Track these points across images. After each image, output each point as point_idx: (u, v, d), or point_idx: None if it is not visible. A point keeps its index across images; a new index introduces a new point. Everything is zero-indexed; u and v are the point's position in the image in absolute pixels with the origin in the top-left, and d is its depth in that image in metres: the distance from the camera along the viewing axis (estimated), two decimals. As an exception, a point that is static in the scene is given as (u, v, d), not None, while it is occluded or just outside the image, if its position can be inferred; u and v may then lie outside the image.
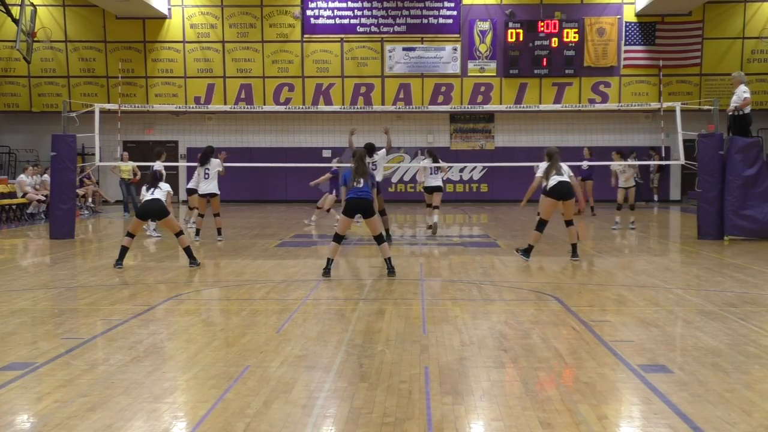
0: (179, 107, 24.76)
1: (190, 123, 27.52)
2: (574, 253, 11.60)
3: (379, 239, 10.18)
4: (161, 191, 11.25)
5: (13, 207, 19.82)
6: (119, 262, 10.88)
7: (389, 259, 10.16)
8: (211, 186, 14.11)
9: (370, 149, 13.97)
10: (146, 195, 11.26)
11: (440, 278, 10.05)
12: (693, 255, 12.63)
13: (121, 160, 21.23)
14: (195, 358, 5.93)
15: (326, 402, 4.88)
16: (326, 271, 10.01)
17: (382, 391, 5.05)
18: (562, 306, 8.02)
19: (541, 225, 11.53)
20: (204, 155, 14.39)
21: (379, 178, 13.74)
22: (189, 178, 27.58)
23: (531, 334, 6.72)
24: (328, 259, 10.12)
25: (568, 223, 11.69)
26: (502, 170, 25.69)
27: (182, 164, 26.65)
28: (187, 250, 11.04)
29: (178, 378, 5.43)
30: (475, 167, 27.27)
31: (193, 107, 26.00)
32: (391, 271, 10.06)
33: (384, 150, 14.29)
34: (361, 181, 10.09)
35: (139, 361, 5.85)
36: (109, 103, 23.19)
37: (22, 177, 20.71)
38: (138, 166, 21.08)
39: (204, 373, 5.50)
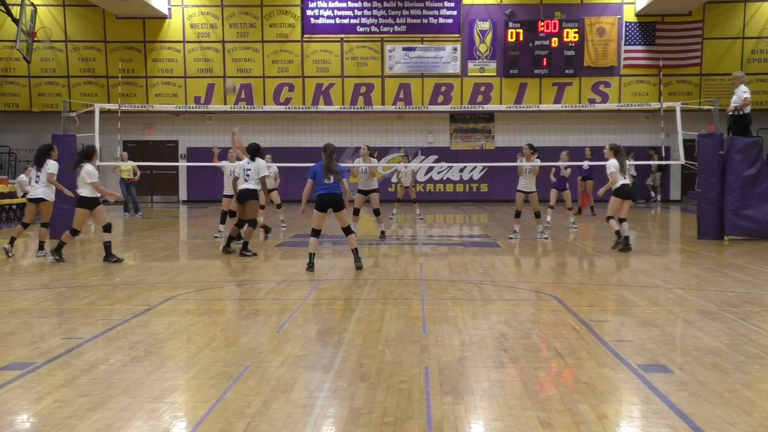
0: (179, 107, 24.76)
1: (190, 123, 27.52)
2: (357, 258, 10.87)
3: (347, 231, 11.01)
4: (81, 178, 11.54)
5: (13, 207, 19.83)
6: (114, 257, 11.55)
7: (356, 249, 10.90)
8: (39, 191, 12.32)
9: (255, 150, 12.71)
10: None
11: (440, 278, 10.06)
12: (693, 255, 12.63)
13: (121, 160, 21.24)
14: (195, 358, 5.93)
15: (326, 402, 4.88)
16: (310, 266, 10.65)
17: (382, 391, 5.05)
18: (562, 306, 8.02)
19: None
20: (38, 155, 12.47)
21: (252, 185, 12.42)
22: (189, 179, 27.85)
23: (531, 334, 6.72)
24: (310, 254, 10.78)
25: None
26: (502, 170, 25.66)
27: (182, 164, 26.69)
28: (59, 244, 11.62)
29: (178, 378, 5.43)
30: (475, 167, 27.28)
31: (193, 107, 26.00)
32: (357, 261, 10.78)
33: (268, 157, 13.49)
34: (332, 178, 10.80)
35: (139, 361, 5.85)
36: (109, 103, 23.22)
37: (22, 177, 20.70)
38: (138, 166, 21.18)
39: (204, 373, 5.50)
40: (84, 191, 11.55)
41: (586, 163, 20.28)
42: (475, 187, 27.75)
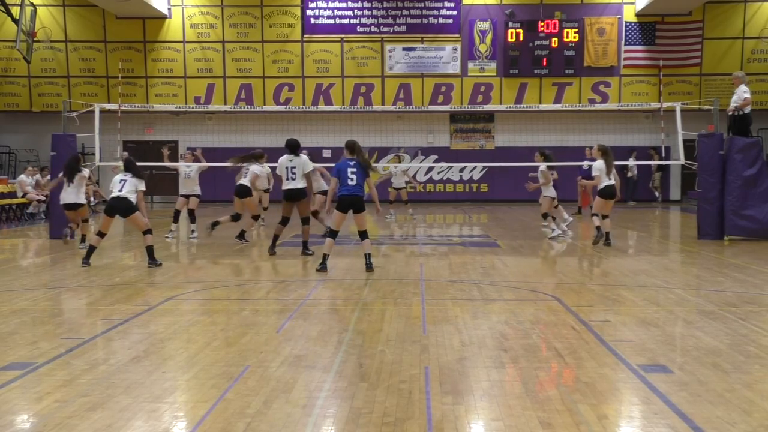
0: (179, 107, 24.77)
1: (190, 123, 27.52)
2: (369, 264, 10.56)
3: (363, 235, 10.64)
4: (131, 185, 11.05)
5: (13, 207, 19.83)
6: (86, 260, 11.00)
7: (369, 254, 10.59)
8: (74, 197, 13.11)
9: (295, 146, 12.57)
10: (115, 190, 11.09)
11: (440, 278, 10.05)
12: (693, 255, 12.63)
13: (121, 160, 21.22)
14: (195, 358, 5.93)
15: (326, 402, 4.88)
16: (322, 267, 10.38)
17: (382, 391, 5.05)
18: (562, 306, 8.02)
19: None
20: (70, 168, 13.12)
21: (300, 184, 12.16)
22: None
23: (531, 334, 6.72)
24: (324, 255, 10.49)
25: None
26: (502, 170, 25.69)
27: (182, 164, 26.63)
28: (149, 249, 11.05)
29: (178, 378, 5.43)
30: (475, 167, 27.29)
31: (193, 107, 26.01)
32: (369, 266, 10.45)
33: (306, 157, 12.52)
34: (355, 178, 10.50)
35: (139, 361, 5.85)
36: (109, 103, 23.23)
37: (22, 177, 20.72)
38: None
39: (204, 373, 5.50)
40: (133, 197, 11.10)
41: (586, 163, 20.28)
42: (475, 187, 27.75)
